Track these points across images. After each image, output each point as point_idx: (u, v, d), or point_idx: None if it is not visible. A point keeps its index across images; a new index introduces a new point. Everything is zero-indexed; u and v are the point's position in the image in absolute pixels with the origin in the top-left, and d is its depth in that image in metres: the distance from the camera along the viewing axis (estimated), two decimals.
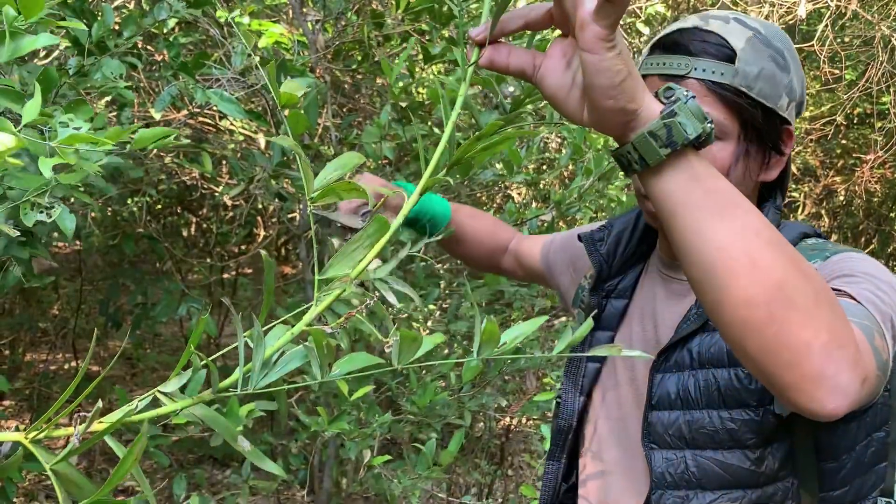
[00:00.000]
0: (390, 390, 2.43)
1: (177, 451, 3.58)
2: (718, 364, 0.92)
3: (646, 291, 1.08)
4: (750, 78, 0.92)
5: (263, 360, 0.54)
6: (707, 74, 0.91)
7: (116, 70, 1.44)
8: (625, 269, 1.11)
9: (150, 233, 2.90)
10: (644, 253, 1.12)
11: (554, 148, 3.31)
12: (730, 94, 0.91)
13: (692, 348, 0.94)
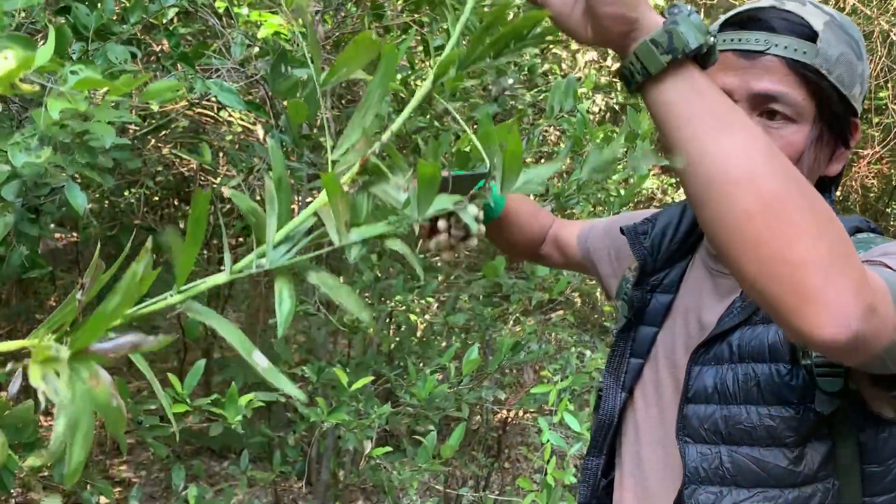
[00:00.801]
0: (389, 382, 2.44)
1: (175, 443, 3.58)
2: (759, 358, 0.89)
3: (691, 286, 1.05)
4: (830, 61, 0.88)
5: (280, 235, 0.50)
6: (788, 52, 0.87)
7: (122, 55, 1.43)
8: (671, 262, 1.07)
9: (148, 224, 2.90)
10: (691, 246, 1.08)
11: (553, 140, 3.31)
12: (810, 74, 0.87)
13: (732, 341, 0.91)
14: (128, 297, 0.39)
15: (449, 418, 3.08)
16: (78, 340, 0.37)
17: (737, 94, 0.88)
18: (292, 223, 0.49)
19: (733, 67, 0.89)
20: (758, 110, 0.88)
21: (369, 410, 2.03)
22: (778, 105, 0.87)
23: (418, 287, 2.47)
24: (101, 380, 0.36)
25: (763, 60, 0.87)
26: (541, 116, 2.55)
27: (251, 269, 0.48)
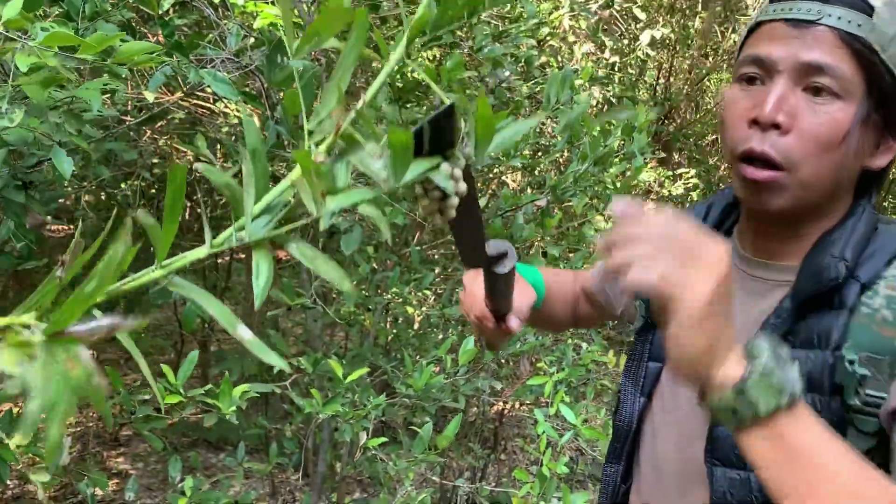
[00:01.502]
0: (385, 373, 2.44)
1: (171, 435, 3.58)
2: None
3: None
4: (885, 38, 0.82)
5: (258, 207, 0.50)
6: (842, 23, 0.82)
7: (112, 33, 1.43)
8: None
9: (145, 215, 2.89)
10: None
11: (550, 133, 3.30)
12: (863, 49, 0.82)
13: None
14: (106, 277, 0.38)
15: (446, 409, 3.08)
16: (54, 322, 0.37)
17: (782, 65, 0.83)
18: (270, 195, 0.49)
19: (782, 37, 0.84)
20: (803, 83, 0.83)
21: (365, 402, 2.03)
22: (824, 78, 0.82)
23: (415, 279, 2.47)
24: (79, 362, 0.35)
25: (814, 31, 0.82)
26: (537, 108, 2.54)
27: (231, 242, 0.48)
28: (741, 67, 0.88)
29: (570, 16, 3.43)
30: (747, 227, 0.97)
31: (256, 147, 0.48)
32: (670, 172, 4.97)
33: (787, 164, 0.82)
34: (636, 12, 3.94)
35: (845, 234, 0.86)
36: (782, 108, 0.82)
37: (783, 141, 0.82)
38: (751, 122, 0.84)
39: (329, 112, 0.51)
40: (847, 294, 0.82)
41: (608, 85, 3.84)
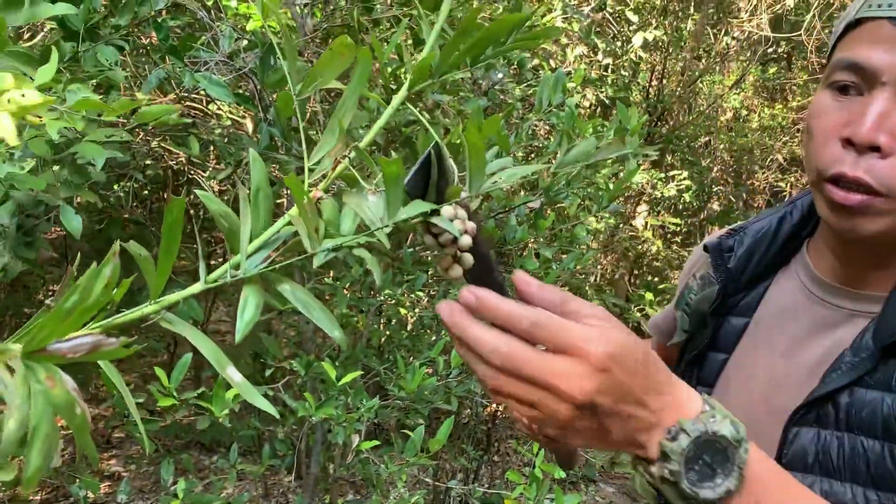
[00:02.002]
0: (378, 376, 2.44)
1: (164, 437, 3.58)
2: (870, 432, 0.73)
3: (779, 309, 0.89)
4: None
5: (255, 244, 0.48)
6: None
7: (112, 57, 1.43)
8: (753, 283, 0.92)
9: (137, 218, 2.89)
10: (781, 262, 0.92)
11: (542, 135, 3.31)
12: None
13: (840, 403, 0.75)
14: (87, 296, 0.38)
15: (439, 412, 3.08)
16: (34, 339, 0.36)
17: (886, 75, 0.71)
18: (267, 233, 0.49)
19: (886, 39, 0.71)
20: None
21: (358, 404, 2.04)
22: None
23: (408, 281, 2.48)
24: (59, 381, 0.35)
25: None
26: (530, 111, 2.55)
27: (226, 278, 0.48)
28: (834, 73, 0.75)
29: (562, 18, 3.44)
30: (827, 248, 0.85)
31: (261, 186, 0.48)
32: (663, 174, 4.98)
33: (886, 192, 0.71)
34: (629, 15, 3.95)
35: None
36: (884, 127, 0.70)
37: (883, 166, 0.70)
38: (844, 140, 0.72)
39: (329, 150, 0.51)
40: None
41: (601, 87, 3.85)
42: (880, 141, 0.70)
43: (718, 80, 6.26)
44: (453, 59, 0.54)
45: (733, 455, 0.57)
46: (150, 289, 0.44)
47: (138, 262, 0.43)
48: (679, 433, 0.56)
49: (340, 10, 2.26)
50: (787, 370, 0.83)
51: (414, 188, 0.52)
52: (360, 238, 0.49)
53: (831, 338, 0.81)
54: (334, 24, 2.26)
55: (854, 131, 0.71)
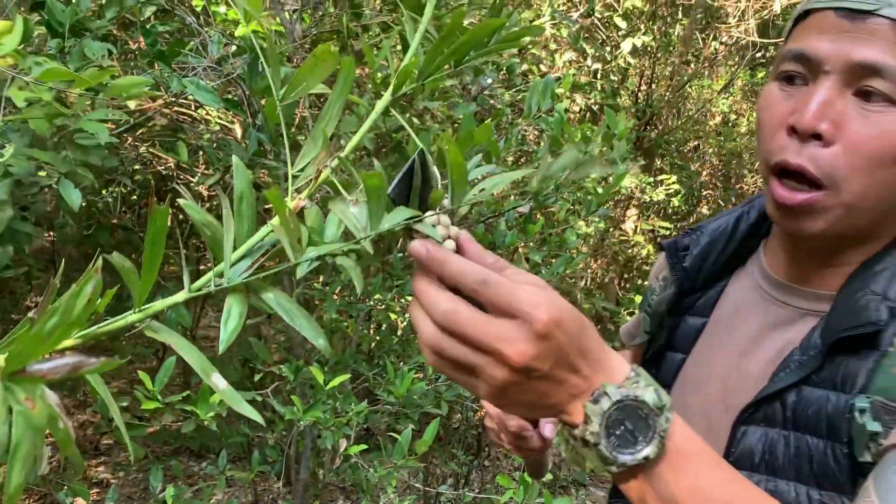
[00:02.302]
0: (367, 381, 2.44)
1: (152, 443, 3.56)
2: (815, 431, 0.73)
3: (735, 308, 0.89)
4: None
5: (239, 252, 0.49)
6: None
7: (99, 51, 1.42)
8: (710, 282, 0.92)
9: (125, 223, 2.88)
10: (735, 265, 0.92)
11: (532, 140, 3.32)
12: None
13: (787, 402, 0.75)
14: (68, 316, 0.38)
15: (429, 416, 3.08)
16: (13, 361, 0.36)
17: (829, 63, 0.71)
18: (251, 241, 0.49)
19: (830, 29, 0.72)
20: (853, 86, 0.71)
21: (347, 409, 2.03)
22: (879, 82, 0.69)
23: (397, 285, 2.48)
24: (40, 400, 0.35)
25: (870, 23, 0.70)
26: (519, 116, 2.56)
27: (210, 287, 0.48)
28: (782, 63, 0.76)
29: (551, 24, 3.46)
30: (779, 247, 0.85)
31: (244, 193, 0.48)
32: (652, 179, 5.00)
33: (827, 182, 0.71)
34: (617, 21, 3.97)
35: (891, 267, 0.75)
36: (826, 115, 0.70)
37: (825, 154, 0.71)
38: (789, 129, 0.73)
39: (313, 157, 0.52)
40: (886, 337, 0.71)
41: (590, 92, 3.87)
42: (821, 129, 0.70)
43: (707, 85, 6.30)
44: (437, 62, 0.54)
45: (654, 422, 0.57)
46: (134, 298, 0.44)
47: (122, 274, 0.43)
48: (601, 396, 0.57)
49: (329, 16, 2.26)
50: (742, 370, 0.84)
51: (398, 196, 0.53)
52: (343, 247, 0.50)
53: (783, 337, 0.81)
54: (323, 30, 2.26)
55: (797, 119, 0.72)
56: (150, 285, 0.44)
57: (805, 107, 0.71)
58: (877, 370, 0.70)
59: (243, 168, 0.50)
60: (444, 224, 0.56)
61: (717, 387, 0.85)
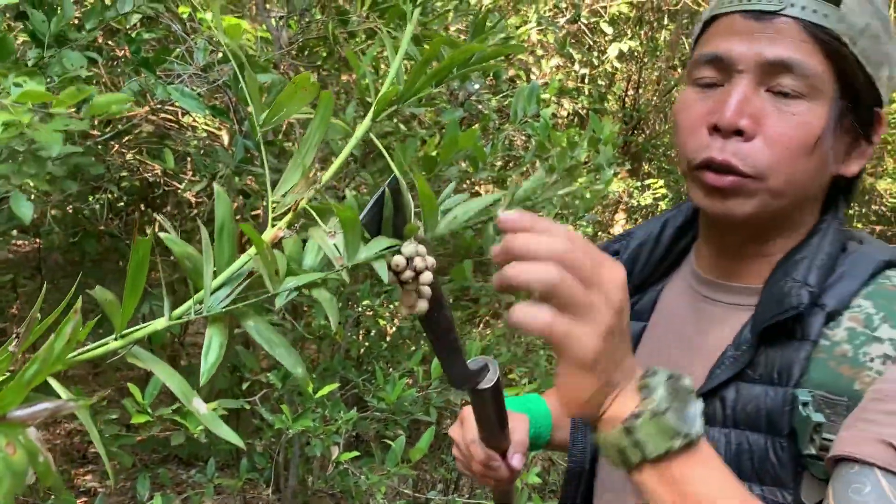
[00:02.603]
0: (356, 387, 2.44)
1: (140, 451, 3.54)
2: (754, 426, 0.75)
3: (670, 313, 0.91)
4: (855, 29, 0.74)
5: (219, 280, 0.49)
6: (806, 13, 0.73)
7: (78, 62, 1.42)
8: (645, 286, 0.94)
9: (112, 230, 2.87)
10: (670, 266, 0.95)
11: (519, 144, 3.33)
12: (832, 41, 0.73)
13: (726, 399, 0.77)
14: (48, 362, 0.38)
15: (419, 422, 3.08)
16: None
17: (742, 63, 0.75)
18: (230, 269, 0.49)
19: (739, 31, 0.76)
20: (767, 83, 0.75)
21: (336, 416, 2.03)
22: (791, 77, 0.73)
23: (385, 291, 2.48)
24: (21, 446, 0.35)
25: (776, 23, 0.74)
26: (506, 121, 2.56)
27: (190, 315, 0.48)
28: (696, 68, 0.80)
29: (537, 30, 3.47)
30: (707, 245, 0.88)
31: (225, 222, 0.48)
32: (639, 183, 5.02)
33: (753, 174, 0.74)
34: (603, 26, 3.99)
35: (810, 255, 0.77)
36: (745, 111, 0.74)
37: (747, 148, 0.74)
38: (710, 128, 0.76)
39: (292, 186, 0.52)
40: (810, 324, 0.73)
41: (577, 97, 3.88)
42: (742, 124, 0.74)
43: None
44: (417, 86, 0.55)
45: (694, 402, 0.60)
46: (115, 326, 0.44)
47: (103, 307, 0.43)
48: (653, 372, 0.60)
49: (316, 23, 2.26)
50: (683, 371, 0.84)
51: (370, 222, 0.54)
52: (322, 276, 0.50)
53: (718, 333, 0.83)
54: (310, 37, 2.26)
55: (719, 117, 0.75)
56: (130, 313, 0.45)
57: (724, 105, 0.75)
58: (811, 362, 0.72)
59: (225, 196, 0.50)
60: (422, 254, 0.57)
61: None
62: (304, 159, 0.54)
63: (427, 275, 0.57)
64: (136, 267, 0.44)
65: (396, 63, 0.56)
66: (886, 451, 0.63)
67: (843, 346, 0.72)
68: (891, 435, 0.64)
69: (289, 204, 0.52)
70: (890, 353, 0.70)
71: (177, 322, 0.47)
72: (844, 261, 0.77)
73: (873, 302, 0.73)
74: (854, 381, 0.70)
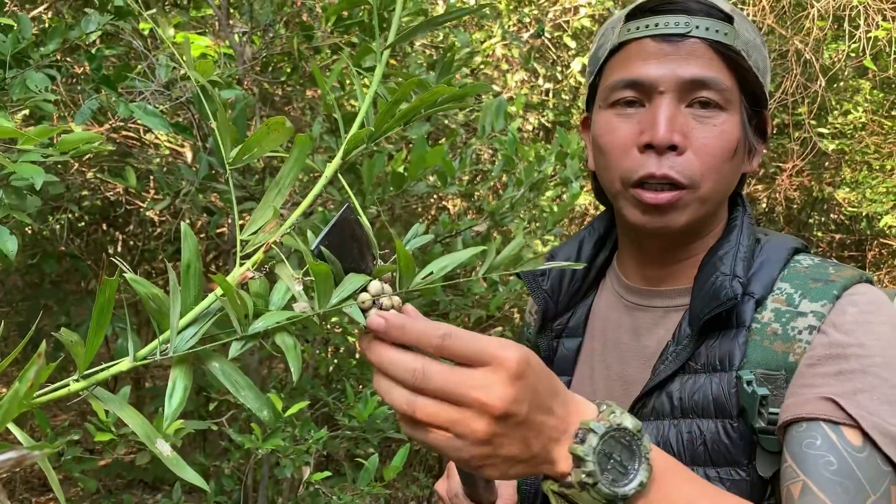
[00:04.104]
0: (326, 405, 2.40)
1: (105, 476, 3.45)
2: (703, 413, 0.79)
3: (603, 323, 0.94)
4: (748, 44, 0.83)
5: (186, 320, 0.48)
6: (710, 33, 0.80)
7: (41, 83, 1.38)
8: (573, 303, 0.97)
9: (73, 251, 2.80)
10: (593, 282, 0.98)
11: (486, 159, 3.34)
12: (734, 56, 0.81)
13: (672, 393, 0.81)
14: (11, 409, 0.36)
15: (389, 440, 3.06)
16: None
17: (663, 84, 0.81)
18: (197, 309, 0.48)
19: (654, 55, 0.81)
20: (686, 99, 0.81)
21: (306, 436, 2.00)
22: (708, 92, 0.80)
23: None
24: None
25: (686, 44, 0.81)
26: (473, 136, 2.57)
27: (156, 356, 0.47)
28: (614, 93, 0.84)
29: (502, 45, 3.49)
30: (632, 256, 0.91)
31: (191, 262, 0.48)
32: None
33: (688, 183, 0.80)
34: (566, 41, 4.03)
35: (732, 250, 0.83)
36: (675, 128, 0.80)
37: (681, 161, 0.80)
38: (642, 146, 0.81)
39: (263, 225, 0.52)
40: (743, 311, 0.80)
41: (543, 111, 3.91)
42: (676, 140, 0.79)
43: None
44: (389, 124, 0.55)
45: (638, 447, 0.58)
46: (78, 366, 0.43)
47: (68, 348, 0.42)
48: (587, 434, 0.57)
49: (280, 38, 2.24)
50: (623, 378, 0.89)
51: (331, 245, 0.53)
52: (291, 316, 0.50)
53: (653, 336, 0.88)
54: (274, 52, 2.24)
55: (652, 135, 0.79)
56: (93, 353, 0.43)
57: (654, 125, 0.80)
58: (748, 345, 0.78)
59: (192, 236, 0.50)
60: (388, 293, 0.56)
61: (603, 394, 0.90)
62: (275, 201, 0.54)
63: (394, 314, 0.57)
64: (101, 308, 0.43)
65: (366, 105, 0.56)
66: (827, 405, 0.70)
67: (772, 325, 0.78)
68: (830, 392, 0.71)
69: (258, 244, 0.51)
70: (814, 323, 0.76)
71: (142, 363, 0.46)
72: (760, 251, 0.84)
73: (790, 283, 0.81)
74: (788, 353, 0.76)
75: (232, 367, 0.49)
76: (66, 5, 2.18)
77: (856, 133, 5.21)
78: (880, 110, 5.22)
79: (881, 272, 5.91)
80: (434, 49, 2.80)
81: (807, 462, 0.69)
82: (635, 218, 0.83)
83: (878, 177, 5.14)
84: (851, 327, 0.75)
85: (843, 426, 0.69)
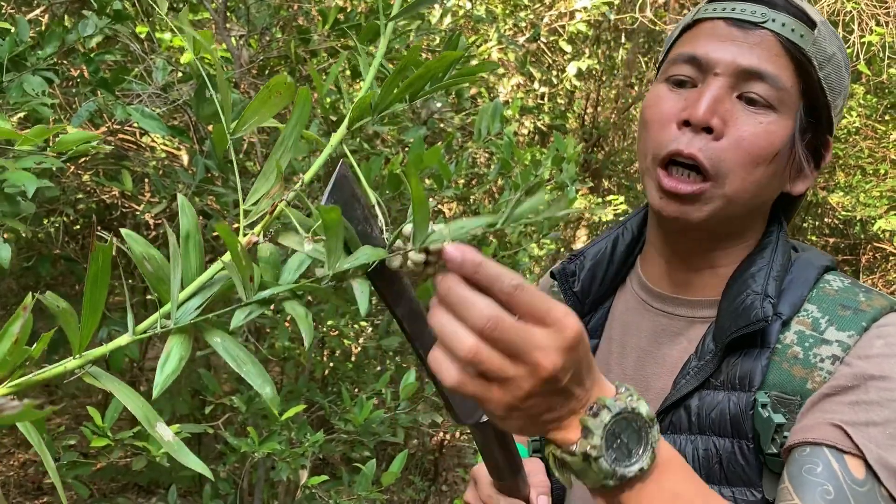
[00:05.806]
0: (322, 409, 2.40)
1: (98, 480, 3.44)
2: (720, 431, 0.77)
3: (622, 325, 0.92)
4: (824, 56, 0.79)
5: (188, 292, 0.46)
6: (786, 30, 0.77)
7: (38, 87, 1.38)
8: (597, 305, 0.95)
9: (68, 254, 2.80)
10: (617, 283, 0.96)
11: (482, 162, 3.34)
12: (804, 61, 0.78)
13: (691, 408, 0.79)
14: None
15: (385, 443, 3.05)
16: None
17: (720, 66, 0.78)
18: (200, 279, 0.46)
19: (722, 37, 0.79)
20: (739, 89, 0.78)
21: (302, 439, 2.00)
22: (762, 87, 0.77)
23: (351, 310, 2.45)
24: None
25: (757, 34, 0.78)
26: (469, 139, 2.57)
27: (156, 329, 0.46)
28: (673, 66, 0.82)
29: (498, 49, 3.50)
30: (657, 258, 0.89)
31: (191, 232, 0.46)
32: (600, 199, 5.08)
33: (714, 173, 0.77)
34: (562, 45, 4.04)
35: (765, 267, 0.81)
36: (716, 111, 0.77)
37: (714, 146, 0.77)
38: (681, 123, 0.78)
39: (267, 191, 0.50)
40: (769, 332, 0.77)
41: (538, 115, 3.92)
42: (713, 123, 0.76)
43: None
44: (393, 95, 0.53)
45: (647, 434, 0.58)
46: (72, 343, 0.42)
47: (57, 317, 0.40)
48: (601, 409, 0.57)
49: (277, 42, 2.25)
50: (641, 384, 0.87)
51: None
52: (303, 286, 0.48)
53: (676, 345, 0.85)
54: (270, 56, 2.25)
55: (691, 112, 0.77)
56: (91, 330, 0.42)
57: (697, 102, 0.77)
58: (770, 367, 0.76)
59: (189, 206, 0.48)
60: (414, 260, 0.55)
61: None
62: (279, 163, 0.52)
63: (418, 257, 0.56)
64: (95, 275, 0.41)
65: (372, 72, 0.54)
66: (835, 432, 0.68)
67: (794, 348, 0.76)
68: (840, 420, 0.69)
69: (262, 210, 0.50)
70: (838, 353, 0.74)
71: (141, 337, 0.45)
72: (791, 270, 0.82)
73: (818, 306, 0.78)
74: (806, 380, 0.74)
75: (234, 341, 0.47)
76: (63, 9, 2.18)
77: (850, 137, 5.24)
78: (874, 115, 5.25)
79: (875, 276, 5.93)
80: (431, 53, 2.80)
81: (804, 487, 0.68)
82: (654, 200, 0.81)
83: (871, 181, 5.16)
84: (877, 360, 0.72)
85: (847, 455, 0.68)
